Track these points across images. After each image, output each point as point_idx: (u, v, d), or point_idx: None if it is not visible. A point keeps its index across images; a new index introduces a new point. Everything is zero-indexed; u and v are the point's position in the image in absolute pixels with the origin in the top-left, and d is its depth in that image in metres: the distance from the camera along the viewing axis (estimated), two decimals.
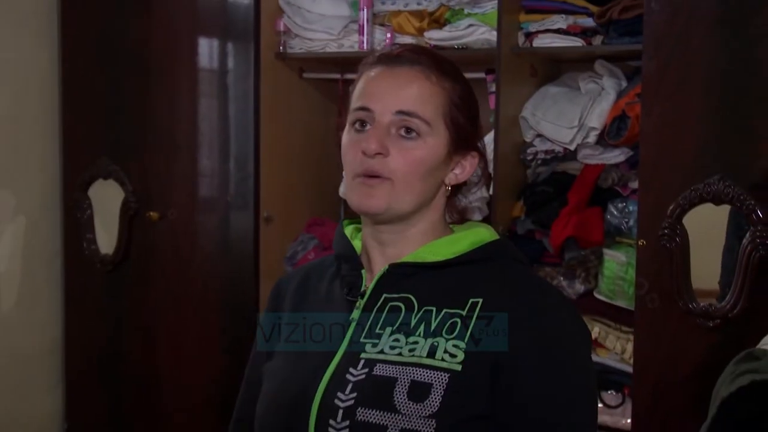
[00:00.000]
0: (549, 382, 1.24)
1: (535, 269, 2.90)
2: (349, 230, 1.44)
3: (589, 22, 2.92)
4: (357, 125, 1.33)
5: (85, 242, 3.64)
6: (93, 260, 3.63)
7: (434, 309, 1.29)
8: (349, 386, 1.26)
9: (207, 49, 3.41)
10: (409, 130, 1.30)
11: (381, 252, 1.37)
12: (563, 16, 2.95)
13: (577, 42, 2.93)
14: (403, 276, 1.33)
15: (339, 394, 1.26)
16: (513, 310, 1.27)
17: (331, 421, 1.25)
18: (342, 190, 3.37)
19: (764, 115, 2.48)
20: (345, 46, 3.31)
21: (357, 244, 1.41)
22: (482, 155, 1.41)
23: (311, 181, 3.57)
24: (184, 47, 3.41)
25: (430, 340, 1.26)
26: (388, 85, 1.32)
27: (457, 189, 1.41)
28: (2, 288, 3.59)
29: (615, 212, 2.94)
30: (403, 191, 1.30)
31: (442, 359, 1.24)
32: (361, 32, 3.23)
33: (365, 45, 3.21)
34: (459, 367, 1.23)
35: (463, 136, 1.35)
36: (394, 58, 1.35)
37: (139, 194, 3.51)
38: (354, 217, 1.45)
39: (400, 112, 1.30)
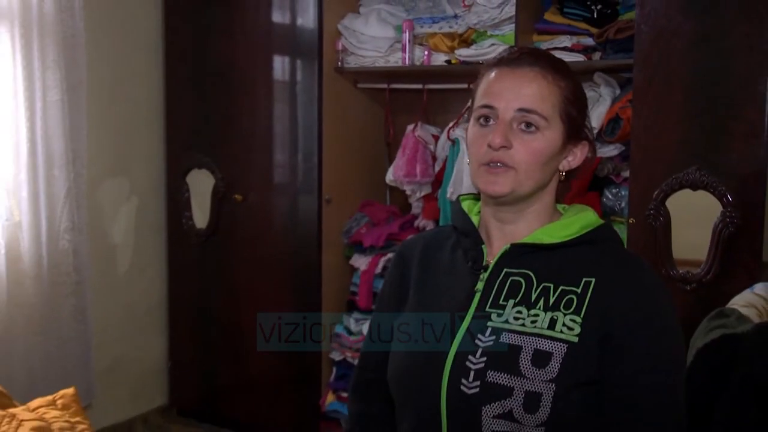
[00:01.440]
0: (651, 353, 1.19)
1: None
2: (466, 205, 1.38)
3: (589, 41, 2.91)
4: (482, 120, 1.27)
5: (183, 219, 3.68)
6: (190, 233, 3.66)
7: (552, 286, 1.24)
8: (479, 351, 1.21)
9: (280, 65, 3.41)
10: (529, 124, 1.24)
11: (500, 229, 1.31)
12: (568, 36, 2.94)
13: (579, 57, 2.92)
14: (522, 254, 1.28)
15: (470, 357, 1.21)
16: (621, 289, 1.22)
17: (464, 380, 1.20)
18: (389, 176, 3.37)
19: (733, 117, 2.47)
20: (391, 61, 3.30)
21: (474, 218, 1.35)
22: (591, 143, 1.34)
23: (363, 170, 3.56)
24: (261, 64, 3.41)
25: (549, 314, 1.21)
26: (510, 85, 1.25)
27: (570, 174, 1.34)
28: (119, 255, 3.64)
29: (610, 196, 2.94)
30: (525, 178, 1.25)
31: (561, 331, 1.19)
32: (403, 50, 3.22)
33: (407, 60, 3.21)
34: (576, 339, 1.18)
35: (575, 128, 1.29)
36: (514, 60, 1.27)
37: (226, 180, 3.53)
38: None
39: (521, 110, 1.24)
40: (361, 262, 3.37)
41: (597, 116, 2.89)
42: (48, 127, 3.09)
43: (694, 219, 2.55)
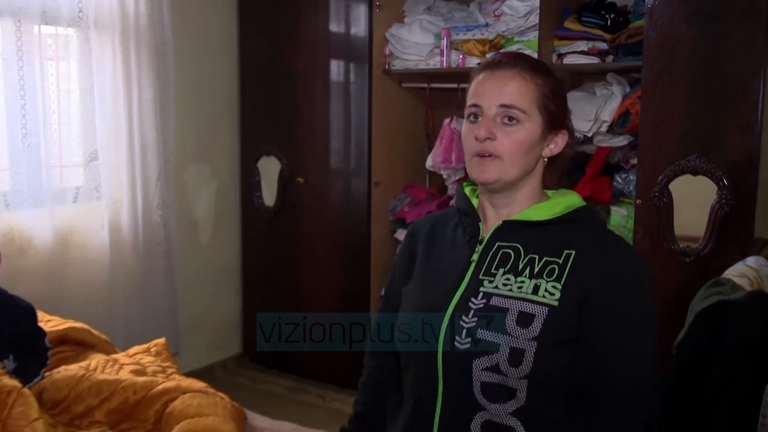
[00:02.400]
0: (624, 315, 1.17)
1: None
2: (467, 191, 1.36)
3: (603, 46, 2.86)
4: (471, 118, 1.25)
5: (255, 198, 3.70)
6: (260, 210, 3.69)
7: (537, 257, 1.21)
8: (471, 312, 1.20)
9: (336, 68, 3.40)
10: (510, 118, 1.22)
11: (494, 211, 1.29)
12: (585, 41, 2.90)
13: (594, 60, 2.88)
14: (512, 230, 1.26)
15: (463, 317, 1.20)
16: (598, 260, 1.19)
17: (457, 338, 1.19)
18: (429, 163, 3.37)
19: (730, 112, 2.43)
20: (430, 64, 3.28)
21: (474, 201, 1.33)
22: (570, 131, 1.30)
23: (406, 157, 3.55)
24: (320, 67, 3.41)
25: (534, 281, 1.19)
26: (492, 85, 1.23)
27: (552, 160, 1.29)
28: (201, 228, 3.69)
29: (620, 180, 2.91)
30: (510, 165, 1.22)
31: (543, 296, 1.17)
32: (441, 54, 3.20)
33: (444, 63, 3.19)
34: (556, 303, 1.16)
35: (554, 119, 1.25)
36: (496, 63, 1.26)
37: (290, 166, 3.54)
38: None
39: (503, 105, 1.22)
40: (403, 235, 3.36)
41: (609, 111, 2.85)
42: (143, 120, 3.14)
43: (693, 200, 2.52)
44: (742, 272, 1.92)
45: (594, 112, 2.87)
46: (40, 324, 2.27)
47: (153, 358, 2.33)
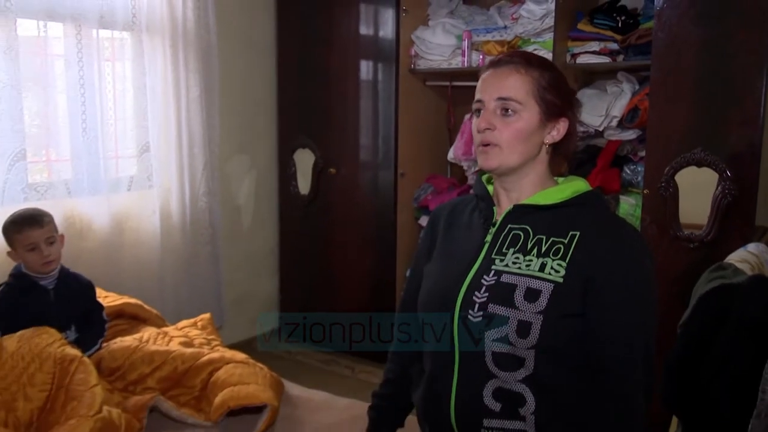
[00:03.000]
0: (624, 290, 1.16)
1: None
2: (484, 179, 1.36)
3: (614, 46, 2.81)
4: (476, 113, 1.26)
5: (291, 187, 3.71)
6: (296, 198, 3.70)
7: (544, 237, 1.21)
8: (483, 288, 1.20)
9: (365, 67, 3.39)
10: (507, 109, 1.22)
11: (506, 195, 1.28)
12: (597, 42, 2.84)
13: (605, 59, 2.83)
14: (522, 213, 1.25)
15: (476, 293, 1.21)
16: (601, 240, 1.18)
17: (470, 311, 1.20)
18: (450, 155, 3.35)
19: (733, 108, 2.38)
20: (453, 64, 3.24)
21: (490, 188, 1.33)
22: (571, 120, 1.27)
23: (429, 150, 3.53)
24: (351, 66, 3.40)
25: (541, 259, 1.18)
26: (492, 81, 1.24)
27: (557, 147, 1.28)
28: (242, 214, 3.71)
29: (628, 171, 2.86)
30: (509, 152, 1.22)
31: (549, 273, 1.16)
32: (463, 55, 3.17)
33: (466, 63, 3.16)
34: (561, 280, 1.16)
35: (553, 108, 1.24)
36: (497, 62, 1.26)
37: (323, 158, 3.54)
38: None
39: (500, 98, 1.22)
40: (426, 221, 3.35)
41: (619, 107, 2.81)
42: (190, 116, 3.16)
43: (698, 190, 2.47)
44: (743, 258, 1.88)
45: (605, 108, 2.83)
46: (99, 299, 2.31)
47: (199, 332, 2.36)
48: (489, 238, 1.27)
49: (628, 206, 2.79)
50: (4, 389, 1.79)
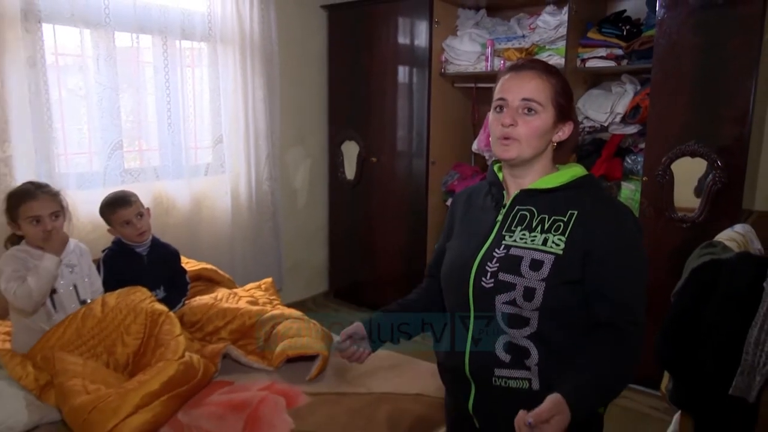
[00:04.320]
0: (617, 258, 1.14)
1: None
2: (495, 168, 1.34)
3: (619, 52, 2.72)
4: (497, 109, 1.23)
5: (339, 173, 3.71)
6: (343, 183, 3.70)
7: (546, 216, 1.20)
8: (494, 259, 1.20)
9: (402, 71, 3.35)
10: (530, 109, 1.20)
11: (514, 182, 1.27)
12: (604, 48, 2.76)
13: (611, 63, 2.74)
14: (528, 196, 1.24)
15: (488, 263, 1.20)
16: (595, 217, 1.16)
17: (483, 279, 1.20)
18: (474, 146, 3.30)
19: (724, 105, 2.30)
20: (477, 68, 3.19)
21: (500, 175, 1.32)
22: (575, 122, 1.26)
23: (456, 142, 3.49)
24: (390, 70, 3.36)
25: (543, 235, 1.17)
26: (516, 83, 1.21)
27: (561, 144, 1.27)
28: (298, 196, 3.72)
29: (629, 161, 2.77)
30: (526, 146, 1.21)
31: (551, 247, 1.15)
32: (486, 60, 3.11)
33: (488, 67, 3.10)
34: (561, 252, 1.14)
35: (563, 111, 1.23)
36: (519, 67, 1.23)
37: (366, 148, 3.53)
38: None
39: (525, 99, 1.19)
40: None
41: (622, 105, 2.73)
42: (256, 114, 3.18)
43: (691, 178, 2.41)
44: (731, 237, 1.82)
45: (610, 106, 2.75)
46: (182, 264, 2.35)
47: (263, 293, 2.39)
48: (500, 217, 1.26)
49: (629, 191, 2.72)
50: (106, 336, 1.85)
